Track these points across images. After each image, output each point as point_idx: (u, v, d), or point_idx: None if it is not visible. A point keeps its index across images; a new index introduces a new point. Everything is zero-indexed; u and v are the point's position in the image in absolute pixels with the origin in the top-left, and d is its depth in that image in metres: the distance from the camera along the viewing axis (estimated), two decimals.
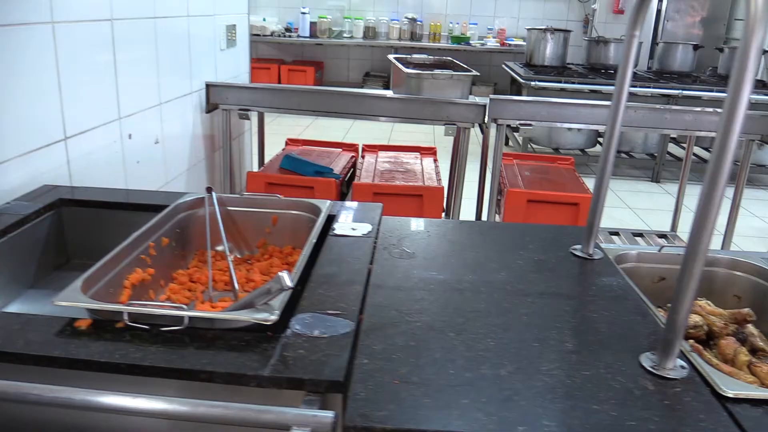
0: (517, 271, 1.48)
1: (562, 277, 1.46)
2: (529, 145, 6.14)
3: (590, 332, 1.22)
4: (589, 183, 6.01)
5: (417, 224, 1.77)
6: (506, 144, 6.78)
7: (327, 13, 8.48)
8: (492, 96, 3.30)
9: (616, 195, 5.51)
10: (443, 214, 3.67)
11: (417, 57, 3.97)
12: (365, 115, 3.51)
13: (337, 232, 1.67)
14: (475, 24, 8.57)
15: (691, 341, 1.44)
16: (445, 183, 3.51)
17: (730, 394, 1.03)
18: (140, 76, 2.63)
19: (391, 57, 3.78)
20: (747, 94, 0.94)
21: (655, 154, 5.96)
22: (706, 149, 6.30)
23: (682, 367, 1.11)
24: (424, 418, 0.96)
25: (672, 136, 5.95)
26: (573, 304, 1.34)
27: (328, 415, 0.99)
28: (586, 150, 6.17)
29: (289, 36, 8.39)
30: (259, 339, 1.16)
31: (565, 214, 3.46)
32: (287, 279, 1.16)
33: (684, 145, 6.46)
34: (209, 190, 1.80)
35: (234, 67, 3.93)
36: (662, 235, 4.11)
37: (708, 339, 1.51)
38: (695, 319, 1.50)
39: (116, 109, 2.42)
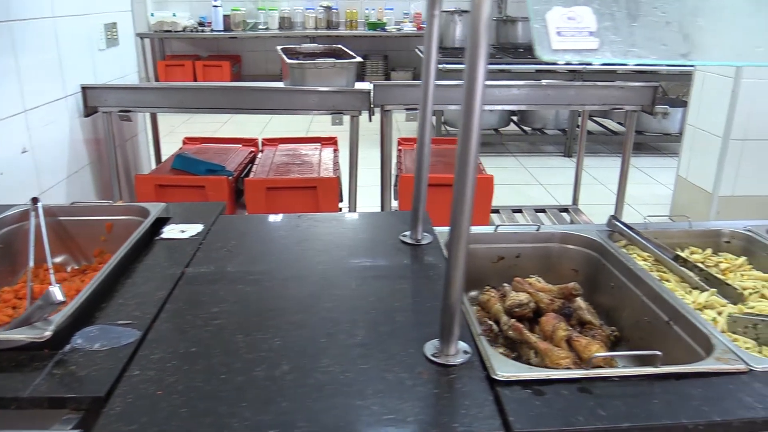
0: (338, 263, 1.45)
1: (381, 267, 1.43)
2: (444, 128, 6.15)
3: (386, 322, 1.20)
4: (503, 161, 6.12)
5: (256, 220, 1.73)
6: None
7: (240, 5, 8.32)
8: (376, 82, 3.26)
9: (528, 172, 5.57)
10: (341, 205, 3.64)
11: (306, 47, 3.91)
12: (253, 109, 3.44)
13: (164, 235, 1.61)
14: (392, 9, 8.53)
15: (513, 320, 1.43)
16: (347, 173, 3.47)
17: (500, 376, 1.01)
18: None
19: (278, 48, 3.70)
20: (482, 70, 0.92)
21: (566, 129, 6.05)
22: (620, 123, 6.43)
23: (465, 352, 1.09)
24: (174, 429, 0.92)
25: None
26: (381, 293, 1.31)
27: None
28: (500, 129, 6.22)
29: (203, 30, 8.19)
30: (34, 357, 1.09)
31: None
32: (58, 294, 1.10)
33: (596, 119, 6.59)
34: (34, 201, 1.71)
35: (119, 68, 3.79)
36: (564, 209, 4.16)
37: (537, 316, 1.51)
38: (522, 297, 1.50)
39: None
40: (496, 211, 4.13)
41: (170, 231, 1.63)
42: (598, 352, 1.34)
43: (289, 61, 3.35)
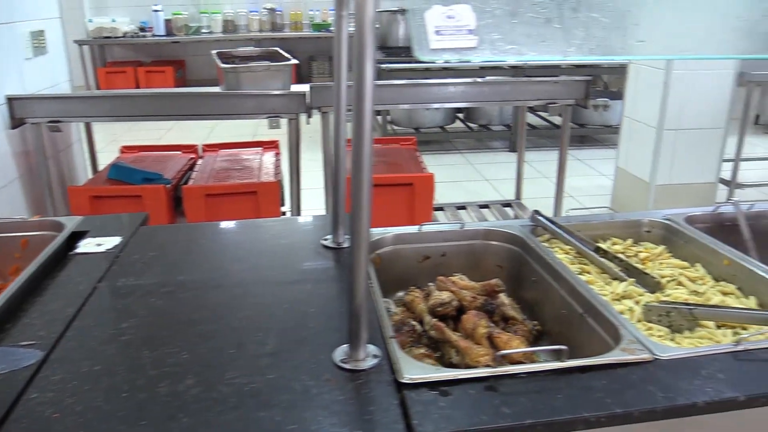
0: (256, 270, 1.43)
1: (299, 272, 1.42)
2: (390, 127, 6.16)
3: (299, 329, 1.18)
4: (450, 158, 6.15)
5: (176, 230, 1.69)
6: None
7: (181, 9, 8.18)
8: (312, 84, 3.24)
9: (474, 168, 5.61)
10: (284, 209, 3.61)
11: (243, 50, 3.86)
12: (190, 116, 3.38)
13: (80, 250, 1.56)
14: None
15: (435, 320, 1.43)
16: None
17: (407, 379, 1.01)
18: None
19: (212, 52, 3.65)
20: (370, 71, 0.91)
21: (511, 125, 6.11)
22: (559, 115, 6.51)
23: (375, 356, 1.08)
24: None
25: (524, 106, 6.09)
26: (297, 299, 1.30)
27: None
28: (446, 127, 6.26)
29: (144, 36, 8.03)
30: None
31: (401, 195, 3.46)
32: None
33: (540, 113, 6.68)
34: None
35: (49, 77, 3.67)
36: (507, 204, 4.20)
37: (462, 314, 1.51)
38: (444, 296, 1.50)
39: None
40: (441, 209, 4.15)
41: (86, 245, 1.58)
42: (520, 346, 1.35)
43: (222, 65, 3.30)
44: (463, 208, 4.18)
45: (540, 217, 1.71)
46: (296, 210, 3.54)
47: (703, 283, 1.52)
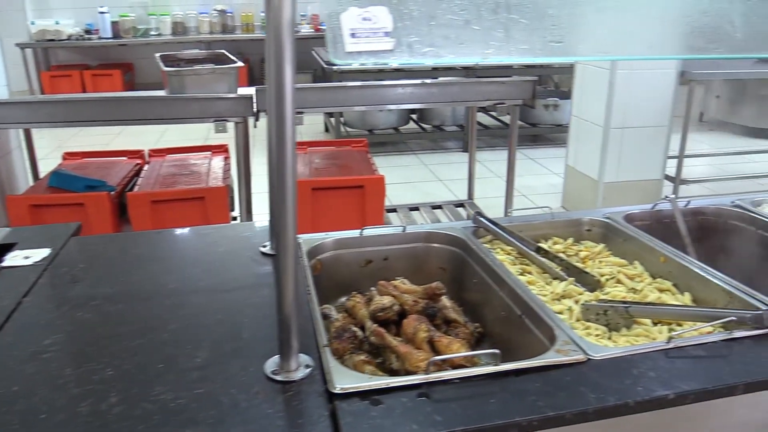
0: (190, 280, 1.39)
1: (234, 281, 1.38)
2: (343, 129, 6.13)
3: (231, 341, 1.15)
4: (404, 160, 6.15)
5: (110, 240, 1.64)
6: (326, 131, 6.74)
7: (129, 10, 8.00)
8: (258, 87, 3.19)
9: (429, 169, 5.63)
10: (234, 214, 3.55)
11: (188, 53, 3.79)
12: (133, 120, 3.29)
13: (6, 263, 1.49)
14: None
15: (375, 325, 1.41)
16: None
17: (339, 389, 0.98)
18: None
19: (156, 56, 3.57)
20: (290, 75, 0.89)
21: (464, 125, 6.15)
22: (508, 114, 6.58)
23: (307, 366, 1.06)
24: None
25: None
26: (231, 309, 1.26)
27: None
28: (400, 128, 6.26)
29: (89, 38, 7.83)
30: None
31: (352, 197, 3.44)
32: None
33: (494, 113, 6.74)
34: None
35: None
36: (460, 204, 4.22)
37: (403, 318, 1.49)
38: (385, 300, 1.48)
39: None
40: (394, 210, 4.14)
41: (13, 258, 1.51)
42: (461, 349, 1.34)
43: (165, 68, 3.23)
44: (416, 209, 4.18)
45: (482, 219, 1.71)
46: (246, 215, 3.49)
47: (641, 280, 1.54)
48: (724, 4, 1.02)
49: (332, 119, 6.22)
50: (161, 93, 3.40)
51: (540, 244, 1.69)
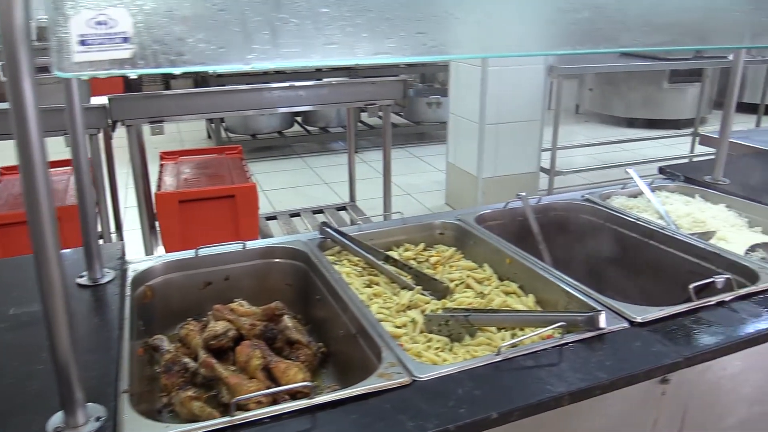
0: None
1: (33, 320, 1.22)
2: (225, 135, 5.91)
3: (14, 394, 1.00)
4: (289, 164, 6.01)
5: None
6: (208, 137, 6.49)
7: None
8: (110, 96, 2.97)
9: (314, 172, 5.52)
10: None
11: (42, 60, 3.48)
12: None
13: None
14: None
15: (206, 356, 1.30)
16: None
17: None
18: None
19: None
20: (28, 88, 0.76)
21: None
22: (399, 115, 6.60)
23: (98, 418, 0.93)
24: None
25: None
26: (19, 354, 1.11)
27: None
28: (284, 132, 6.11)
29: None
30: None
31: (223, 208, 3.28)
32: None
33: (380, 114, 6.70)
34: None
35: None
36: (342, 208, 4.14)
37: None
38: (219, 327, 1.36)
39: None
40: (274, 218, 4.00)
41: None
42: (298, 374, 1.25)
43: (4, 78, 2.94)
44: (297, 215, 4.06)
45: (328, 229, 1.62)
46: (108, 235, 3.26)
47: (489, 284, 1.50)
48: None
49: (213, 125, 5.99)
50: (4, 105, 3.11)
51: (390, 252, 1.63)
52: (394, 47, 0.84)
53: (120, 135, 3.21)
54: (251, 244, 1.55)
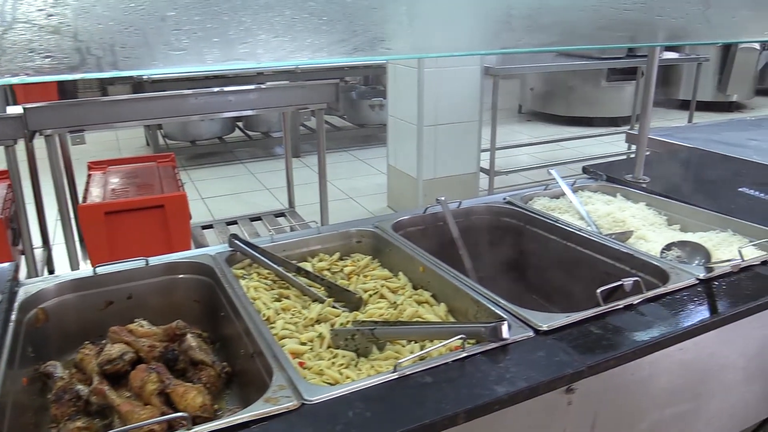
0: None
1: None
2: (163, 142, 5.75)
3: None
4: (230, 170, 5.88)
5: None
6: (147, 145, 6.31)
7: None
8: (26, 105, 2.84)
9: (256, 178, 5.41)
10: (20, 248, 3.15)
11: None
12: None
13: None
14: None
15: (98, 381, 1.22)
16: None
17: None
18: None
19: None
20: None
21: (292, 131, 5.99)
22: (343, 117, 6.54)
23: None
24: None
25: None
26: None
27: None
28: (225, 137, 5.98)
29: None
30: None
31: (152, 219, 3.17)
32: None
33: (326, 117, 6.63)
34: None
35: None
36: (280, 214, 4.06)
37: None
38: (114, 350, 1.28)
39: None
40: (210, 227, 3.90)
41: None
42: (197, 398, 1.18)
43: None
44: (234, 223, 3.96)
45: (237, 241, 1.55)
46: (29, 251, 3.11)
47: (403, 293, 1.46)
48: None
49: (150, 132, 5.83)
50: None
51: (303, 263, 1.57)
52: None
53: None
54: (154, 260, 1.47)
